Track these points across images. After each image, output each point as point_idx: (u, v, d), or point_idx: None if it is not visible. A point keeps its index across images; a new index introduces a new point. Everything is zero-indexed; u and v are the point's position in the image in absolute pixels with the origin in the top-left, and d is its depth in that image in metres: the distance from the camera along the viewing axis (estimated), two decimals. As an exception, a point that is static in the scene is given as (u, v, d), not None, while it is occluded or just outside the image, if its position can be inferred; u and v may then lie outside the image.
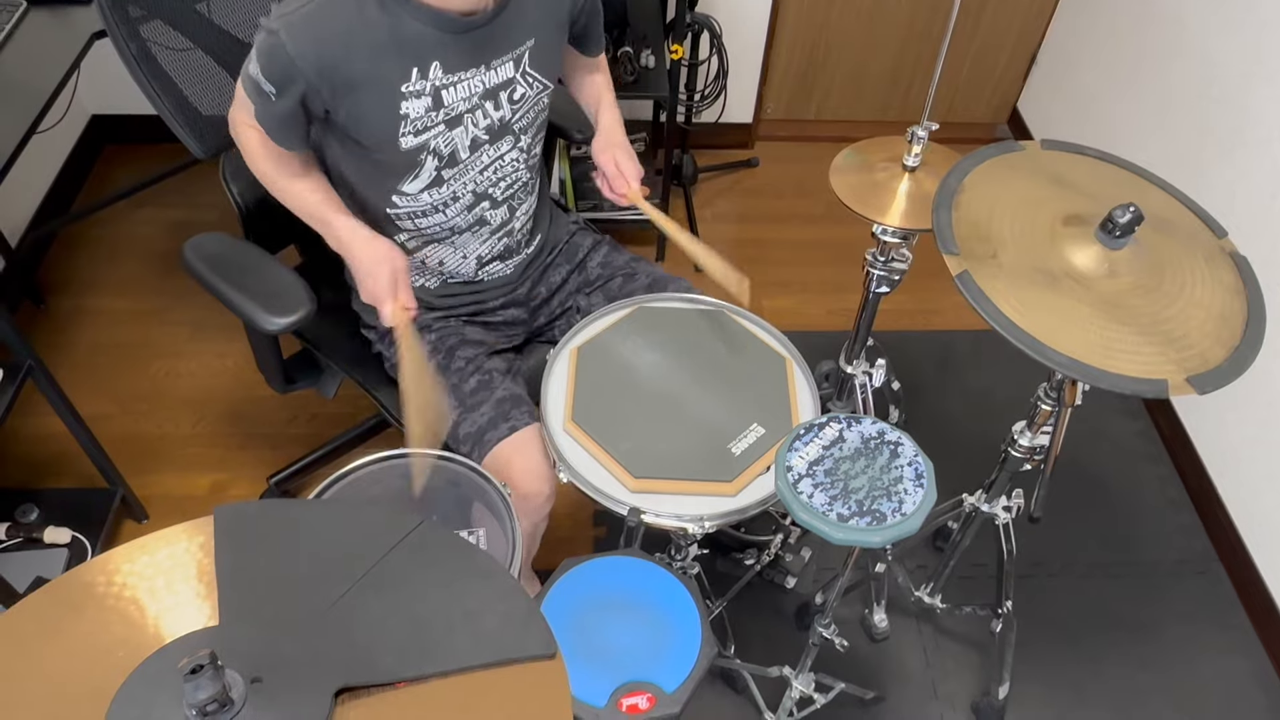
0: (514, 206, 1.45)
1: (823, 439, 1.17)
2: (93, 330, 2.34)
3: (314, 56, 1.15)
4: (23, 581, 1.75)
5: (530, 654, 0.69)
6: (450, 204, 1.38)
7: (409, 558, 0.74)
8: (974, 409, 2.28)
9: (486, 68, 1.28)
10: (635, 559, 1.17)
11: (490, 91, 1.30)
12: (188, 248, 1.41)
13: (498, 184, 1.40)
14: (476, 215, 1.42)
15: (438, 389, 1.28)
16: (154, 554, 0.73)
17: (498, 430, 1.37)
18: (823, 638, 1.47)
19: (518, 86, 1.33)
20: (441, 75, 1.24)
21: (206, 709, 0.58)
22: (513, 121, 1.36)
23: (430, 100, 1.25)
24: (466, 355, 1.45)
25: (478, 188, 1.38)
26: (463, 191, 1.37)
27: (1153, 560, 2.04)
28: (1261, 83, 1.94)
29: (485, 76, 1.28)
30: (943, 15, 2.76)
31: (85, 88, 2.62)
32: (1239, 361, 1.07)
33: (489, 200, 1.41)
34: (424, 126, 1.27)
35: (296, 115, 1.22)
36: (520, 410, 1.39)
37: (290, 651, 0.65)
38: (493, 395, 1.40)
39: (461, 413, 1.39)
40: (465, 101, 1.28)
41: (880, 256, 1.58)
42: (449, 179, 1.34)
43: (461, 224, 1.41)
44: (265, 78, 1.18)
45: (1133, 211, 1.11)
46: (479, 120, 1.31)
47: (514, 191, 1.44)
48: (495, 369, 1.45)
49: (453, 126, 1.29)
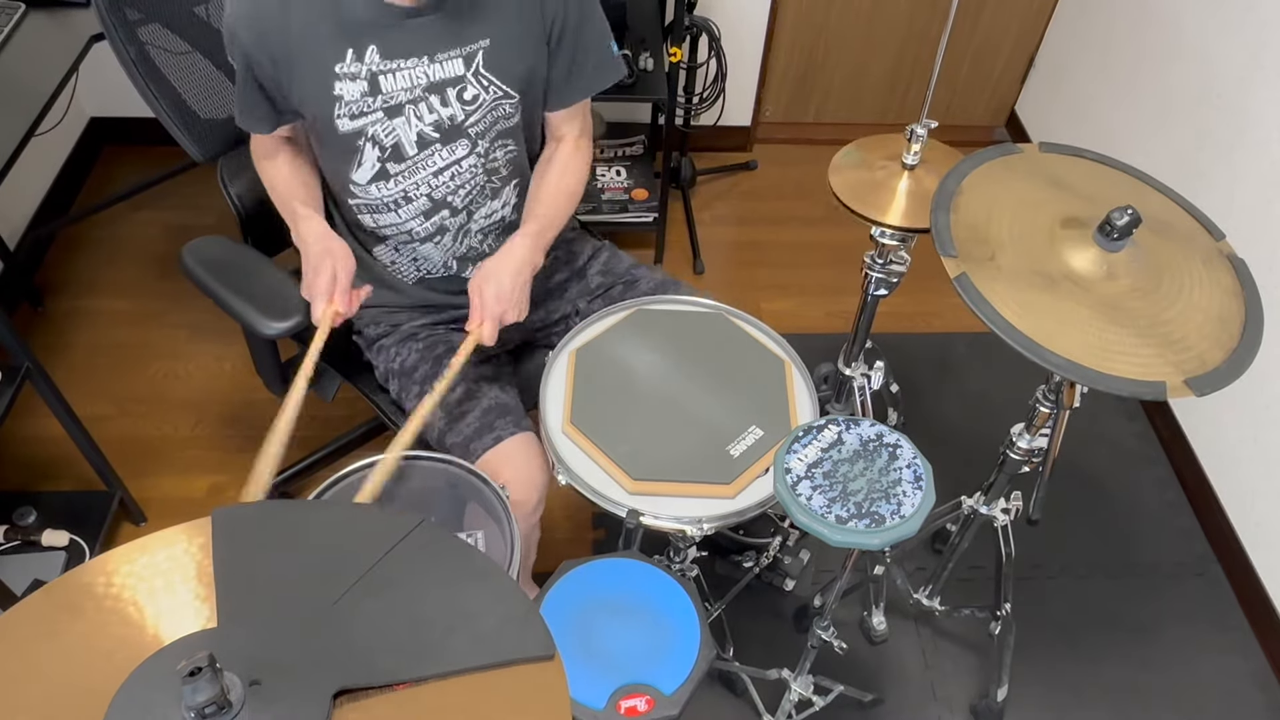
0: (472, 212, 1.41)
1: (821, 441, 1.17)
2: (91, 332, 2.34)
3: (248, 23, 1.18)
4: (20, 584, 1.75)
5: (529, 655, 0.69)
6: (403, 204, 1.35)
7: (407, 559, 0.74)
8: (972, 411, 2.29)
9: (431, 60, 1.25)
10: (634, 561, 1.17)
11: (435, 85, 1.27)
12: (186, 251, 1.41)
13: (456, 191, 1.37)
14: (436, 224, 1.39)
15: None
16: (153, 555, 0.73)
17: (483, 440, 1.36)
18: (821, 640, 1.47)
19: (468, 86, 1.29)
20: (379, 61, 1.23)
21: (205, 711, 0.58)
22: (466, 124, 1.31)
23: (366, 85, 1.24)
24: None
25: (433, 192, 1.35)
26: (415, 193, 1.35)
27: (1151, 562, 2.04)
28: (1260, 85, 1.94)
29: (429, 69, 1.26)
30: (941, 17, 2.76)
31: (84, 90, 2.62)
32: (1237, 363, 1.08)
33: (448, 209, 1.38)
34: (360, 111, 1.25)
35: (250, 92, 1.25)
36: (506, 420, 1.38)
37: (288, 654, 0.65)
38: (479, 405, 1.40)
39: (448, 422, 1.39)
40: (406, 92, 1.26)
41: (879, 259, 1.58)
42: (395, 174, 1.32)
43: (420, 231, 1.39)
44: (230, 56, 1.22)
45: (1130, 214, 1.11)
46: (423, 114, 1.28)
47: (473, 198, 1.40)
48: (483, 376, 1.44)
49: (392, 116, 1.27)
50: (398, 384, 1.47)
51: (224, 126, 1.46)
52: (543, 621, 0.71)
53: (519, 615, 0.72)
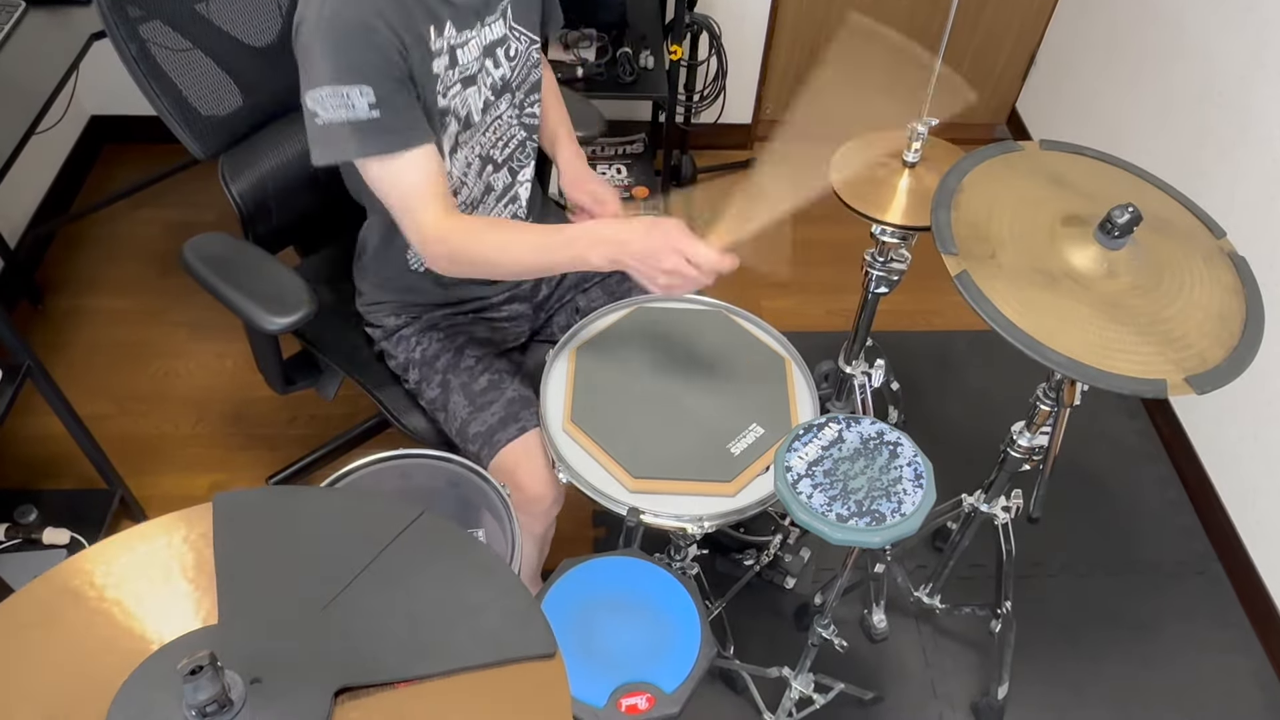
0: (514, 170, 1.45)
1: (822, 439, 1.17)
2: (91, 330, 2.34)
3: (375, 11, 1.12)
4: (21, 582, 1.73)
5: (530, 653, 0.69)
6: (466, 172, 1.37)
7: (409, 552, 0.74)
8: (973, 409, 2.28)
9: (483, 24, 1.28)
10: (635, 559, 1.17)
11: (489, 48, 1.30)
12: (188, 248, 1.41)
13: (496, 144, 1.40)
14: (484, 183, 1.41)
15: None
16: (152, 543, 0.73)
17: (507, 431, 1.36)
18: (822, 638, 1.47)
19: (510, 41, 1.33)
20: (454, 34, 1.24)
21: (206, 710, 0.58)
22: (511, 79, 1.36)
23: (448, 59, 1.24)
24: (475, 354, 1.44)
25: (483, 150, 1.38)
26: (472, 157, 1.37)
27: (1151, 560, 2.04)
28: (1261, 83, 1.94)
29: (483, 34, 1.28)
30: (941, 14, 2.76)
31: (84, 88, 2.62)
32: (1237, 362, 1.08)
33: (491, 164, 1.41)
34: (447, 85, 1.26)
35: (405, 92, 1.16)
36: (529, 412, 1.39)
37: (290, 652, 0.65)
38: (503, 395, 1.40)
39: (471, 411, 1.39)
40: (475, 61, 1.28)
41: (879, 257, 1.58)
42: (463, 143, 1.33)
43: (477, 194, 1.41)
44: (351, 82, 1.11)
45: (1131, 212, 1.11)
46: (485, 80, 1.31)
47: (511, 152, 1.43)
48: (505, 369, 1.45)
49: (467, 86, 1.29)
50: (418, 373, 1.47)
51: (225, 124, 1.45)
52: (544, 619, 0.71)
53: (520, 612, 0.72)
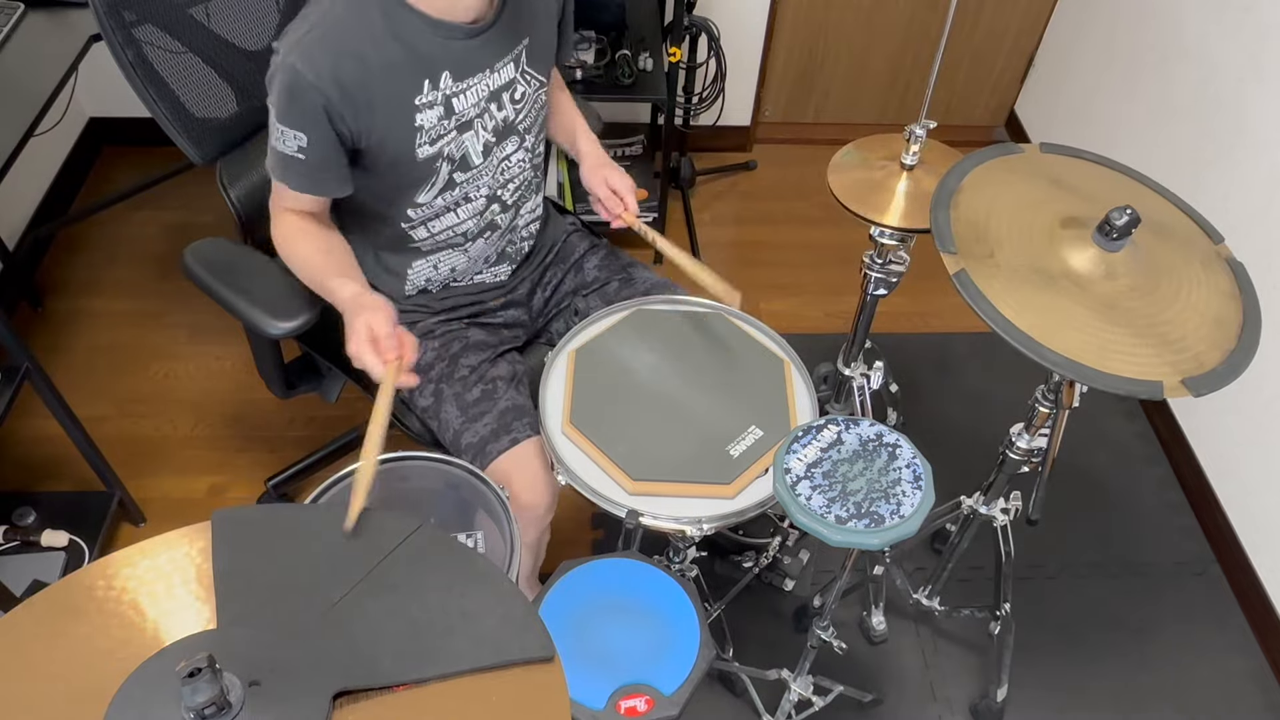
0: (519, 207, 1.47)
1: (821, 441, 1.17)
2: (90, 332, 2.34)
3: (331, 77, 1.15)
4: (19, 584, 1.75)
5: (528, 657, 0.69)
6: (462, 204, 1.38)
7: (407, 561, 0.74)
8: (972, 411, 2.29)
9: (491, 70, 1.29)
10: (634, 561, 1.17)
11: (495, 94, 1.31)
12: (188, 253, 1.41)
13: (506, 185, 1.41)
14: (487, 220, 1.42)
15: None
16: (154, 558, 0.73)
17: (499, 442, 1.36)
18: (821, 640, 1.47)
19: (518, 86, 1.34)
20: (452, 84, 1.25)
21: (204, 712, 0.58)
22: (516, 122, 1.36)
23: (442, 109, 1.26)
24: (470, 363, 1.44)
25: (490, 191, 1.39)
26: (475, 194, 1.38)
27: (1150, 562, 2.04)
28: (1259, 87, 1.94)
29: (490, 80, 1.29)
30: (940, 17, 2.76)
31: (83, 90, 2.62)
32: (1234, 365, 1.08)
33: (499, 204, 1.42)
34: (438, 135, 1.27)
35: (329, 152, 1.20)
36: (522, 422, 1.39)
37: (288, 655, 0.65)
38: (495, 406, 1.40)
39: (464, 422, 1.39)
40: (475, 107, 1.29)
41: (878, 259, 1.58)
42: (461, 182, 1.35)
43: (473, 229, 1.42)
44: (290, 126, 1.17)
45: (1130, 214, 1.11)
46: (487, 124, 1.32)
47: (521, 193, 1.45)
48: (499, 377, 1.44)
49: (463, 131, 1.30)
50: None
51: (221, 128, 1.45)
52: (542, 623, 0.71)
53: (518, 616, 0.72)
